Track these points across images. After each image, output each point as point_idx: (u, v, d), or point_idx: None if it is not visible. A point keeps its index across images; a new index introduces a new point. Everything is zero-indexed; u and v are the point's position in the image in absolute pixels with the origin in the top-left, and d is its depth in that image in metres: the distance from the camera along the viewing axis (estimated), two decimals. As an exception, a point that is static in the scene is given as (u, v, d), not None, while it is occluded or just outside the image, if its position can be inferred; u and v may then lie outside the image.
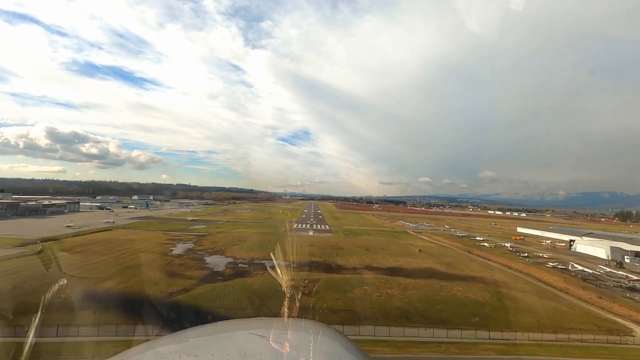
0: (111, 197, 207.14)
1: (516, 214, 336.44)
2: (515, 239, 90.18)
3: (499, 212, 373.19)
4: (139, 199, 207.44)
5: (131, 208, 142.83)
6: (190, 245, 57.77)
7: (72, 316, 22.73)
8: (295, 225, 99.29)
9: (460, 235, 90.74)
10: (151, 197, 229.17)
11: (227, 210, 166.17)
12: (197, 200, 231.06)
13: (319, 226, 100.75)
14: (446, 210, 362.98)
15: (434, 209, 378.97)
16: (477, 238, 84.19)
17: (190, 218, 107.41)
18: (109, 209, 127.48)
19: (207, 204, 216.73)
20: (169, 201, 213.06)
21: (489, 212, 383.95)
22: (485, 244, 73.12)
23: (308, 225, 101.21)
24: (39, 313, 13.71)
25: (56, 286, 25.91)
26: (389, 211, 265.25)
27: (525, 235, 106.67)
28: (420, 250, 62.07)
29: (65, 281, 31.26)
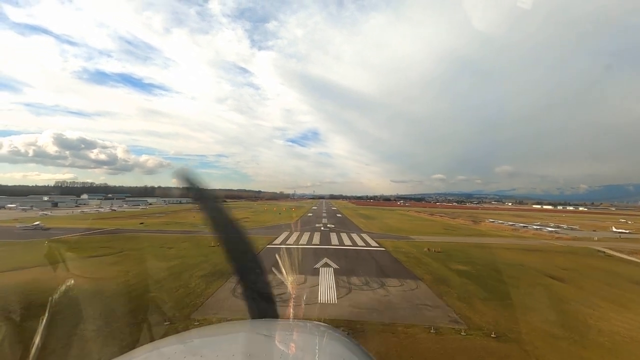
0: (46, 198, 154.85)
1: (571, 208, 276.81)
2: None
3: (537, 206, 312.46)
4: (89, 198, 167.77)
5: (10, 207, 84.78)
6: None
7: None
8: (282, 238, 37.49)
9: None
10: (108, 196, 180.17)
11: (189, 209, 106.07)
12: (168, 199, 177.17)
13: (343, 238, 38.56)
14: (486, 206, 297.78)
15: (468, 204, 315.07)
16: None
17: (47, 226, 47.32)
18: None
19: (177, 203, 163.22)
20: (123, 199, 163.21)
21: (526, 206, 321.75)
22: None
23: (318, 239, 39.42)
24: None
25: None
26: (424, 207, 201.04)
27: None
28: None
29: None
